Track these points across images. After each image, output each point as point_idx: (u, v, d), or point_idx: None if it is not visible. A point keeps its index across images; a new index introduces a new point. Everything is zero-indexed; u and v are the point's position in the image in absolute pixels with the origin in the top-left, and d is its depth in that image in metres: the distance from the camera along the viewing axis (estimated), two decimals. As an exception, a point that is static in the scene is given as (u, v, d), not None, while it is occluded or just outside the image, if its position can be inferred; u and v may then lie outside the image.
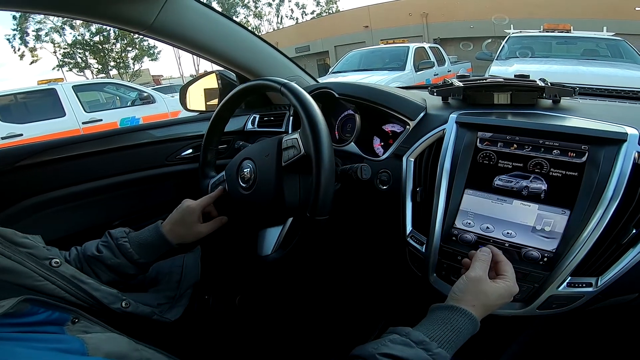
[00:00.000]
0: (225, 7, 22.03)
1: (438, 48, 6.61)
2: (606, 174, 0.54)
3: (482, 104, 0.72)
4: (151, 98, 5.35)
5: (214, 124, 0.85)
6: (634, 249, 0.52)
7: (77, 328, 0.42)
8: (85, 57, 16.86)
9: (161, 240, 0.67)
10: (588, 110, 0.67)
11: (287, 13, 27.60)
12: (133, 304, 0.58)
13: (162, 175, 1.14)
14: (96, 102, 5.80)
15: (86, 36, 16.27)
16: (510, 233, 0.60)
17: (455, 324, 0.46)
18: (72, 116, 4.81)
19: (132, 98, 5.61)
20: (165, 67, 54.33)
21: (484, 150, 0.63)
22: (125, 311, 0.56)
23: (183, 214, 0.71)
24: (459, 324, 0.46)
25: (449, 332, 0.45)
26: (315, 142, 0.56)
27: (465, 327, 0.46)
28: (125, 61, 17.67)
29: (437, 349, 0.43)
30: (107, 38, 16.30)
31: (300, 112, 0.59)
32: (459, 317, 0.47)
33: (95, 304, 0.53)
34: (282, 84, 0.64)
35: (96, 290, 0.54)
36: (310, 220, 0.57)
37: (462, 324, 0.46)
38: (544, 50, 3.92)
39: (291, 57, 1.25)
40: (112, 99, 5.86)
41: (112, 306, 0.55)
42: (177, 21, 0.90)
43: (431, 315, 0.49)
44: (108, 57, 17.05)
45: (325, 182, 0.55)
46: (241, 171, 0.75)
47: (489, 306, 0.50)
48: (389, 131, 0.89)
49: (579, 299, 0.55)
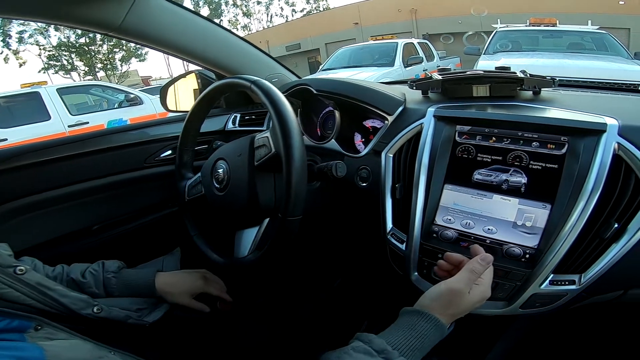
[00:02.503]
0: (213, 6, 21.82)
1: (427, 44, 6.62)
2: (586, 165, 0.52)
3: (462, 96, 0.70)
4: (138, 99, 5.28)
5: (187, 125, 0.83)
6: (617, 244, 0.51)
7: (40, 335, 0.42)
8: (71, 59, 16.53)
9: (149, 289, 0.68)
10: (568, 101, 0.65)
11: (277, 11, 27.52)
12: (106, 309, 0.58)
13: (141, 178, 1.12)
14: (84, 105, 5.71)
15: (71, 38, 15.95)
16: (491, 229, 0.58)
17: (421, 331, 0.45)
18: (58, 119, 4.74)
19: (119, 100, 5.53)
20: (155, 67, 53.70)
21: (462, 144, 0.61)
22: (98, 316, 0.56)
23: (184, 283, 0.72)
24: (424, 330, 0.45)
25: (413, 339, 0.44)
26: (285, 140, 0.53)
27: (430, 333, 0.45)
28: (113, 63, 17.37)
29: (399, 357, 0.42)
30: (93, 40, 15.99)
31: (269, 109, 0.56)
32: (425, 323, 0.46)
33: (65, 310, 0.53)
34: (252, 82, 0.61)
35: (64, 296, 0.54)
36: (282, 221, 0.54)
37: (427, 331, 0.45)
38: (531, 44, 3.95)
39: (282, 56, 1.24)
40: (100, 101, 5.77)
41: (83, 312, 0.55)
42: (147, 21, 0.88)
43: (399, 320, 0.48)
44: (95, 59, 16.74)
45: (297, 181, 0.52)
46: (215, 172, 0.72)
47: (458, 314, 0.49)
48: (369, 127, 0.86)
49: (562, 297, 0.54)
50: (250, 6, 23.38)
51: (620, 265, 0.51)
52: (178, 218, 0.86)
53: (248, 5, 23.14)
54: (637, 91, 0.98)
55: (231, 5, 22.70)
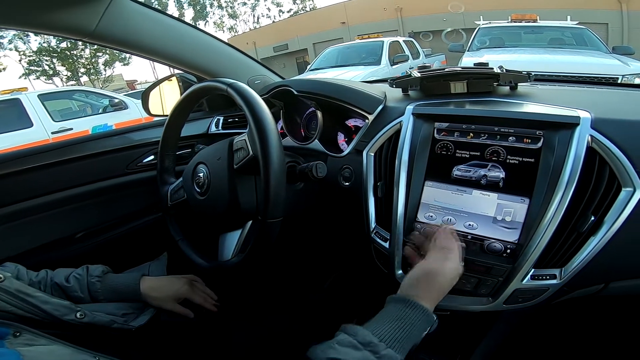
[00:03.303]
0: (198, 8, 21.59)
1: (412, 42, 6.67)
2: (561, 158, 0.53)
3: (440, 93, 0.70)
4: (123, 104, 5.18)
5: (167, 130, 0.82)
6: (594, 237, 0.51)
7: (19, 341, 0.42)
8: (53, 64, 16.14)
9: (134, 294, 0.68)
10: (544, 95, 0.66)
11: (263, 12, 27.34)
12: (89, 314, 0.58)
13: (124, 184, 1.10)
14: (68, 111, 5.60)
15: (52, 43, 15.57)
16: (471, 225, 0.58)
17: (408, 320, 0.44)
18: (40, 126, 4.62)
19: (103, 105, 5.42)
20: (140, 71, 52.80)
21: (441, 141, 0.62)
22: (82, 322, 0.56)
23: (169, 288, 0.72)
24: (411, 319, 0.44)
25: (399, 330, 0.43)
26: (262, 142, 0.52)
27: (419, 322, 0.45)
28: (96, 67, 17.02)
29: (386, 349, 0.41)
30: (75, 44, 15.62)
31: (245, 111, 0.56)
32: (410, 311, 0.45)
33: (47, 316, 0.53)
34: (228, 84, 0.60)
35: (45, 303, 0.54)
36: (262, 223, 0.54)
37: (415, 320, 0.45)
38: (513, 40, 4.01)
39: (269, 57, 1.23)
40: (84, 106, 5.65)
41: (65, 318, 0.55)
42: (121, 25, 0.87)
43: (385, 309, 0.47)
44: (77, 64, 16.37)
45: (275, 183, 0.52)
46: (196, 176, 0.71)
47: (440, 295, 0.49)
48: (351, 126, 0.86)
49: (544, 292, 0.54)
50: (236, 7, 23.23)
51: (600, 259, 0.51)
52: (164, 223, 0.85)
53: (234, 7, 22.98)
54: (612, 84, 1.00)
55: (216, 7, 22.50)
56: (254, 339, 0.81)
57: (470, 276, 0.56)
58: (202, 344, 0.78)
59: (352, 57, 5.85)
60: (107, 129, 4.89)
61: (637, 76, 2.77)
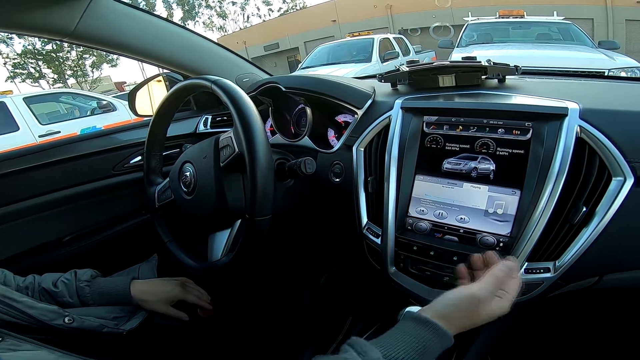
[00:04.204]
0: (187, 8, 21.34)
1: (402, 38, 6.70)
2: (551, 149, 0.52)
3: (429, 87, 0.70)
4: (111, 106, 5.10)
5: (153, 130, 0.80)
6: (587, 228, 0.51)
7: (3, 346, 0.41)
8: (39, 66, 15.80)
9: (125, 297, 0.67)
10: (532, 87, 0.66)
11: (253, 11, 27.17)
12: (77, 319, 0.57)
13: (110, 186, 1.09)
14: (56, 114, 5.50)
15: (37, 45, 15.23)
16: (463, 218, 0.58)
17: (424, 343, 0.39)
18: (27, 130, 4.52)
19: (91, 107, 5.33)
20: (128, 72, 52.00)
21: (430, 134, 0.61)
22: (70, 327, 0.55)
23: (161, 290, 0.71)
24: (428, 342, 0.39)
25: (413, 352, 0.38)
26: (248, 138, 0.51)
27: (434, 346, 0.39)
28: (83, 69, 16.71)
29: None
30: (61, 46, 15.33)
31: (230, 108, 0.54)
32: (431, 335, 0.40)
33: (34, 321, 0.53)
34: (212, 81, 0.59)
35: (31, 307, 0.53)
36: (250, 221, 0.52)
37: (432, 343, 0.39)
38: (502, 35, 4.05)
39: (260, 56, 1.21)
40: (72, 109, 5.55)
41: (53, 323, 0.54)
42: (102, 25, 0.85)
43: (400, 326, 0.42)
44: (64, 66, 16.05)
45: (263, 180, 0.51)
46: (182, 175, 0.70)
47: (470, 326, 0.43)
48: (341, 122, 0.86)
49: (539, 286, 0.54)
50: (225, 7, 23.02)
51: (593, 251, 0.51)
52: (154, 225, 0.84)
53: (222, 6, 22.76)
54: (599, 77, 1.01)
55: (205, 7, 22.26)
56: (248, 342, 0.79)
57: (464, 270, 0.56)
58: (194, 347, 0.77)
59: (343, 54, 5.85)
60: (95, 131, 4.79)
61: (623, 70, 2.82)
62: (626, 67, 2.81)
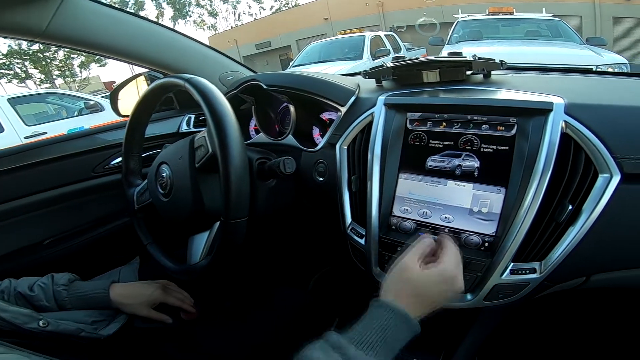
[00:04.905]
0: (177, 7, 21.07)
1: (393, 36, 6.70)
2: (536, 145, 0.51)
3: (413, 83, 0.68)
4: (99, 106, 5.00)
5: (130, 131, 0.77)
6: (573, 227, 0.49)
7: None
8: (25, 67, 15.45)
9: (104, 301, 0.66)
10: (517, 83, 0.65)
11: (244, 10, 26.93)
12: (53, 322, 0.56)
13: (90, 188, 1.06)
14: (44, 114, 5.39)
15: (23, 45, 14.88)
16: (448, 217, 0.56)
17: (380, 322, 0.41)
18: (12, 131, 4.42)
19: (78, 107, 5.23)
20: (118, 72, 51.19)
21: (414, 131, 0.59)
22: (45, 330, 0.55)
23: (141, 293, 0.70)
24: (384, 321, 0.41)
25: (373, 333, 0.40)
26: (220, 137, 0.49)
27: (392, 324, 0.41)
28: (71, 69, 16.39)
29: (356, 351, 0.38)
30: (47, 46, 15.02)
31: (203, 106, 0.52)
32: (384, 313, 0.42)
33: (6, 325, 0.52)
34: (186, 80, 0.56)
35: (4, 311, 0.53)
36: (225, 224, 0.50)
37: (388, 321, 0.41)
38: (491, 32, 4.07)
39: (252, 54, 1.19)
40: (60, 109, 5.44)
41: (27, 326, 0.54)
42: (76, 25, 0.82)
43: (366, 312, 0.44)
44: (51, 66, 15.72)
45: (237, 182, 0.48)
46: (159, 177, 0.67)
47: (425, 298, 0.44)
48: (326, 119, 0.84)
49: (525, 287, 0.52)
50: (216, 5, 22.77)
51: (580, 251, 0.49)
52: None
53: (213, 5, 22.50)
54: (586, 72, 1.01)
55: (195, 6, 21.99)
56: (232, 345, 0.77)
57: (448, 271, 0.54)
58: (177, 350, 0.75)
59: (334, 52, 5.83)
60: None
61: (610, 66, 2.84)
62: (613, 63, 2.84)
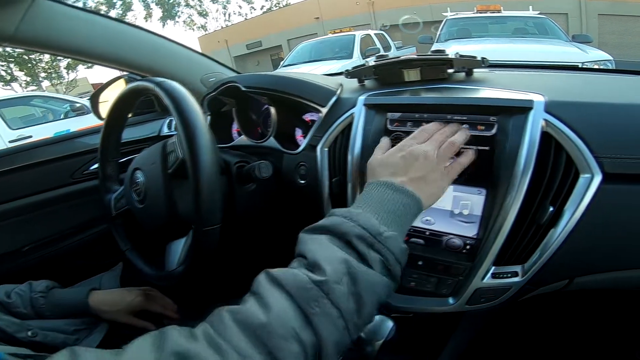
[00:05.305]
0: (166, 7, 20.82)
1: (383, 34, 6.71)
2: (516, 145, 0.49)
3: (395, 82, 0.66)
4: (85, 108, 4.92)
5: (105, 136, 0.75)
6: (555, 229, 0.48)
7: None
8: (10, 69, 15.12)
9: (83, 309, 0.66)
10: (499, 80, 0.63)
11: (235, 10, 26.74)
12: (40, 333, 0.57)
13: (70, 194, 1.03)
14: (30, 117, 5.31)
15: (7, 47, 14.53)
16: (429, 220, 0.55)
17: (375, 192, 0.41)
18: (-5, 134, 4.31)
19: (65, 110, 5.13)
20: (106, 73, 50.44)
21: (394, 132, 0.58)
22: (33, 340, 0.55)
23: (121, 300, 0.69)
24: (378, 192, 0.41)
25: (373, 199, 0.41)
26: (190, 144, 0.46)
27: (382, 191, 0.41)
28: (58, 71, 16.08)
29: (358, 209, 0.39)
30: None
31: (172, 111, 0.49)
32: (372, 187, 0.42)
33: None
34: (156, 83, 0.54)
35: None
36: (197, 232, 0.48)
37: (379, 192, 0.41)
38: (480, 30, 4.10)
39: (243, 54, 1.17)
40: (46, 112, 5.34)
41: (18, 335, 0.55)
42: (46, 27, 0.80)
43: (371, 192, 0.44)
44: (36, 68, 15.40)
45: (208, 188, 0.46)
46: (133, 183, 0.65)
47: (396, 168, 0.44)
48: (308, 120, 0.82)
49: (507, 291, 0.51)
50: (206, 6, 22.54)
51: (562, 253, 0.48)
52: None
53: (203, 5, 22.28)
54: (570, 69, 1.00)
55: (184, 6, 21.75)
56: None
57: (430, 276, 0.53)
58: None
59: (325, 51, 5.82)
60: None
61: (595, 63, 2.88)
62: (598, 60, 2.87)
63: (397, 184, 0.41)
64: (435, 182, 0.44)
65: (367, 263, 0.34)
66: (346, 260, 0.33)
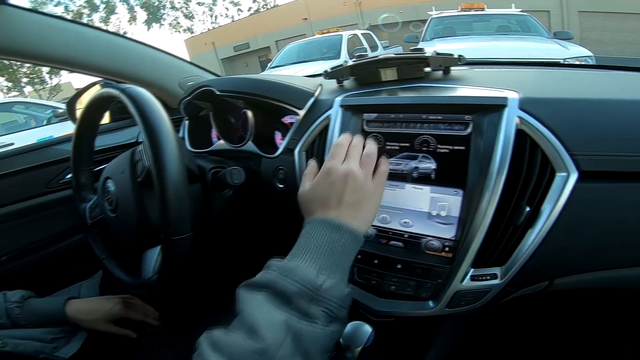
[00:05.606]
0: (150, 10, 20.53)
1: (370, 34, 6.74)
2: (491, 144, 0.48)
3: (372, 82, 0.65)
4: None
5: (76, 144, 0.73)
6: (532, 230, 0.47)
7: None
8: (-10, 75, 14.74)
9: (60, 318, 0.65)
10: (476, 78, 0.63)
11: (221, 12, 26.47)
12: (11, 343, 0.56)
13: (44, 204, 1.01)
14: (13, 124, 5.19)
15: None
16: (407, 222, 0.54)
17: (313, 235, 0.41)
18: (-27, 143, 4.17)
19: (47, 116, 5.00)
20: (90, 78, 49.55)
21: (371, 133, 0.57)
22: (3, 351, 0.54)
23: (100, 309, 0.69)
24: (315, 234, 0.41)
25: (310, 245, 0.40)
26: (154, 152, 0.45)
27: (319, 233, 0.40)
28: (40, 76, 15.72)
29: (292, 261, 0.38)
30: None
31: (135, 117, 0.47)
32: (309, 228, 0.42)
33: None
34: (121, 90, 0.52)
35: None
36: (166, 242, 0.46)
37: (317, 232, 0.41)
38: (464, 29, 4.14)
39: (230, 56, 1.16)
40: (29, 119, 5.21)
41: None
42: (12, 35, 0.78)
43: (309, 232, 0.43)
44: (18, 74, 15.03)
45: (175, 197, 0.44)
46: (105, 192, 0.63)
47: (325, 199, 0.44)
48: (288, 123, 0.80)
49: (487, 293, 0.50)
50: (192, 8, 22.31)
51: (541, 254, 0.47)
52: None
53: (189, 7, 22.04)
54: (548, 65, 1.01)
55: (170, 9, 21.48)
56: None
57: (410, 279, 0.52)
58: None
59: (312, 52, 5.81)
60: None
61: (576, 59, 2.93)
62: (579, 56, 2.93)
63: (333, 220, 0.41)
64: (370, 200, 0.45)
65: (309, 319, 0.34)
66: (286, 321, 0.33)
